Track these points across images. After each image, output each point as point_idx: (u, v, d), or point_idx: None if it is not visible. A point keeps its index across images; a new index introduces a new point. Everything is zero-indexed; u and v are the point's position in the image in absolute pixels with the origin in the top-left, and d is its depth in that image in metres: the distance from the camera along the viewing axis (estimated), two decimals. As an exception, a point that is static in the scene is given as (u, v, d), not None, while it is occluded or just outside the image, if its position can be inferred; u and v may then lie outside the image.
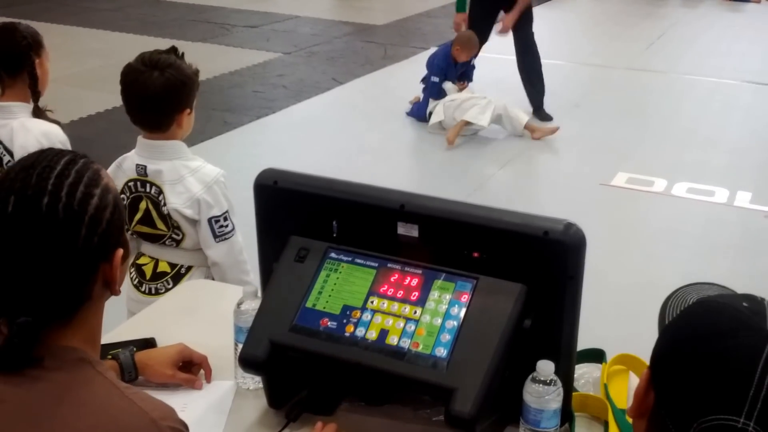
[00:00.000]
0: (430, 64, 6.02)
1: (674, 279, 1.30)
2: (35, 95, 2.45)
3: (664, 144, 5.61)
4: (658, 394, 0.87)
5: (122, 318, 2.08)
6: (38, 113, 2.46)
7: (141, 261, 2.31)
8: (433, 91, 5.92)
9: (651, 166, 5.14)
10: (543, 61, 6.09)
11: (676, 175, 5.01)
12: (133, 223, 2.25)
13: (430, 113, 5.85)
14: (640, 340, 1.57)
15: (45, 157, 1.09)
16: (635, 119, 6.09)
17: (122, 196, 2.20)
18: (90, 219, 1.06)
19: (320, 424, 1.44)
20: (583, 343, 1.48)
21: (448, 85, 5.93)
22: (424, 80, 6.05)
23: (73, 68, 6.80)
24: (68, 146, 2.37)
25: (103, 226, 1.07)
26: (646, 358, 1.61)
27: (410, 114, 6.06)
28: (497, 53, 6.26)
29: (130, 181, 2.24)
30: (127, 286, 2.31)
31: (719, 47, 8.45)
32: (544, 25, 6.18)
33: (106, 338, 1.63)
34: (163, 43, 2.34)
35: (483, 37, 5.99)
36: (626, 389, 1.60)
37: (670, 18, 9.89)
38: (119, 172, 2.25)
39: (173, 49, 2.22)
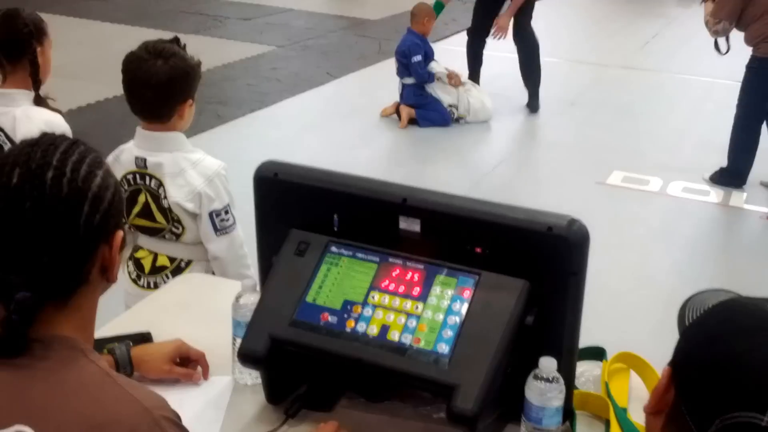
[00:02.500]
0: (405, 49, 5.65)
1: (669, 278, 1.29)
2: (36, 83, 2.42)
3: (659, 143, 5.61)
4: (679, 392, 0.86)
5: (120, 312, 2.05)
6: (40, 102, 2.43)
7: (139, 254, 2.28)
8: (422, 73, 5.65)
9: (646, 165, 5.14)
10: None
11: (671, 174, 5.01)
12: (131, 217, 2.22)
13: (452, 108, 5.72)
14: (636, 337, 1.57)
15: (48, 137, 1.09)
16: (631, 118, 6.09)
17: (120, 188, 2.18)
18: (93, 196, 1.06)
19: (323, 424, 1.42)
20: (579, 341, 1.47)
21: (434, 65, 5.74)
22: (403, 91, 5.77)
23: (61, 59, 6.71)
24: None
25: (106, 206, 1.07)
26: (642, 355, 1.62)
27: (426, 124, 5.70)
28: (494, 50, 6.25)
29: (128, 173, 2.20)
30: (125, 280, 2.28)
31: (713, 47, 8.43)
32: (538, 22, 6.16)
33: (101, 332, 1.61)
34: (154, 35, 2.32)
35: (486, 30, 5.93)
36: (627, 388, 1.59)
37: (664, 17, 9.89)
38: (116, 164, 2.20)
39: (176, 40, 2.20)
